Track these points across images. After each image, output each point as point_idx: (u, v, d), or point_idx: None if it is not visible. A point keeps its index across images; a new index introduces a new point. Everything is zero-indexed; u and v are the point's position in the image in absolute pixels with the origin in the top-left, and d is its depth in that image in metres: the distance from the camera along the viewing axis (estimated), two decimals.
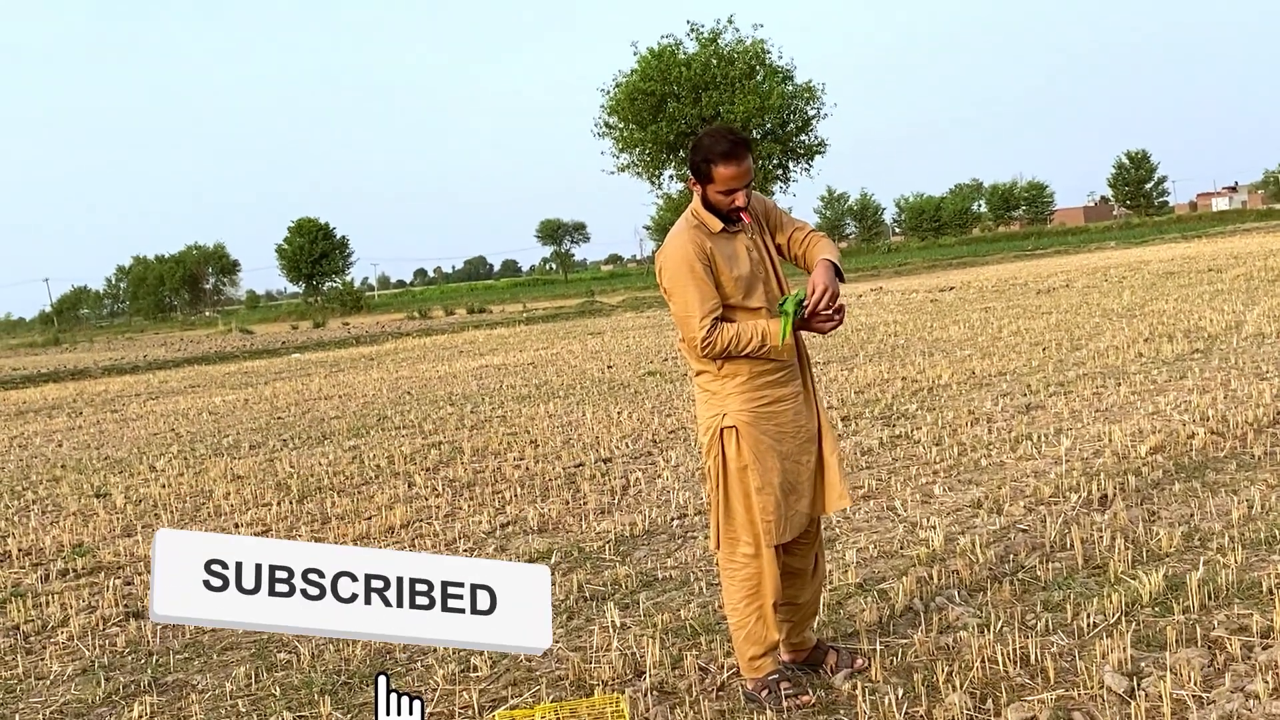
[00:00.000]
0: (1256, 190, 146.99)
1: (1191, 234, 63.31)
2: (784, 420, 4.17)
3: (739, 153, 4.07)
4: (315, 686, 4.86)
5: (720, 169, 4.06)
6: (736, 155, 4.06)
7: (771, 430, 4.15)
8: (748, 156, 4.11)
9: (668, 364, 17.17)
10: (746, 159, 4.09)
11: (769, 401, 4.16)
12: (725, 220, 4.16)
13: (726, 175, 4.06)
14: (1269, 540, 5.45)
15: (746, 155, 4.10)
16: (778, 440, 4.16)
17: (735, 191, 4.07)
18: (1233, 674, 4.02)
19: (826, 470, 4.27)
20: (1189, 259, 32.46)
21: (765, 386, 4.15)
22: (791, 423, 4.19)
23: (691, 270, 4.06)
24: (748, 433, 4.13)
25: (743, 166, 4.07)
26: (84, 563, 7.53)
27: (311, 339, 41.65)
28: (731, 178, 4.06)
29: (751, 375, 4.14)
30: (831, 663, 4.45)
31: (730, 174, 4.06)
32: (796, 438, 4.19)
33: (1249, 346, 12.22)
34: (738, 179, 4.06)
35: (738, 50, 50.87)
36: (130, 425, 16.28)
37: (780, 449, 4.16)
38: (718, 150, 4.06)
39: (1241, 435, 7.74)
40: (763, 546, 4.16)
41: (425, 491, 8.83)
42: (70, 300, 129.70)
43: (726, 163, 4.06)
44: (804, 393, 4.26)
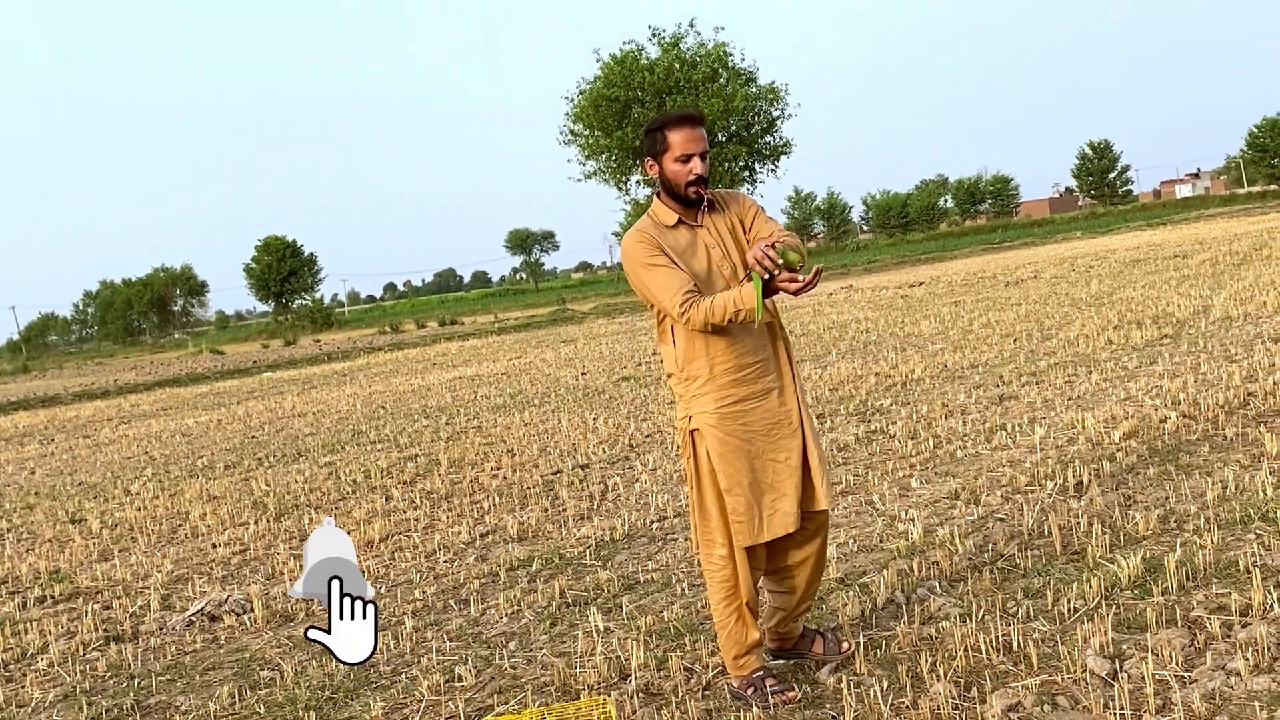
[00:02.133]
0: (1219, 176, 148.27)
1: (1156, 221, 63.76)
2: (752, 419, 4.10)
3: (692, 119, 4.06)
4: (300, 703, 4.84)
5: (674, 134, 4.03)
6: (690, 120, 4.06)
7: (738, 430, 4.09)
8: (701, 126, 4.08)
9: (641, 369, 17.18)
10: (700, 128, 4.07)
11: (734, 400, 4.09)
12: (684, 202, 4.11)
13: (681, 139, 4.02)
14: (1244, 520, 5.49)
15: (700, 124, 4.08)
16: (746, 440, 4.09)
17: (692, 158, 4.03)
18: (1214, 653, 4.05)
19: (809, 468, 4.20)
20: (1155, 246, 32.70)
21: (730, 385, 4.09)
22: (762, 420, 4.11)
23: (649, 260, 4.02)
24: (712, 434, 4.09)
25: (697, 132, 4.04)
26: (61, 589, 7.48)
27: (283, 357, 41.46)
28: (687, 140, 4.02)
29: (714, 375, 4.09)
30: (819, 650, 4.45)
31: (685, 137, 4.02)
32: (770, 436, 4.12)
33: (1217, 330, 12.31)
34: (693, 142, 4.02)
35: (700, 54, 50.94)
36: (103, 450, 16.17)
37: (750, 449, 4.10)
38: (671, 116, 4.06)
39: (1213, 418, 7.80)
40: (735, 548, 4.14)
41: (403, 505, 8.80)
42: (38, 327, 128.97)
43: (680, 126, 4.04)
44: (780, 388, 4.16)
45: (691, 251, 4.09)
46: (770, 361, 4.16)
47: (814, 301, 29.01)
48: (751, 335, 4.10)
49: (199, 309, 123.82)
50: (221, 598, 6.51)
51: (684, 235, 4.13)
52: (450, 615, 5.83)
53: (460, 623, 5.65)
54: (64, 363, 69.74)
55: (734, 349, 4.08)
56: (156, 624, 6.36)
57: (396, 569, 6.91)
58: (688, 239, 4.12)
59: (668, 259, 4.03)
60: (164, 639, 6.09)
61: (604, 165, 51.88)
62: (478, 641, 5.34)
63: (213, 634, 6.08)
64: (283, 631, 5.95)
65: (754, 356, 4.11)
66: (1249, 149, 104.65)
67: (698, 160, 4.04)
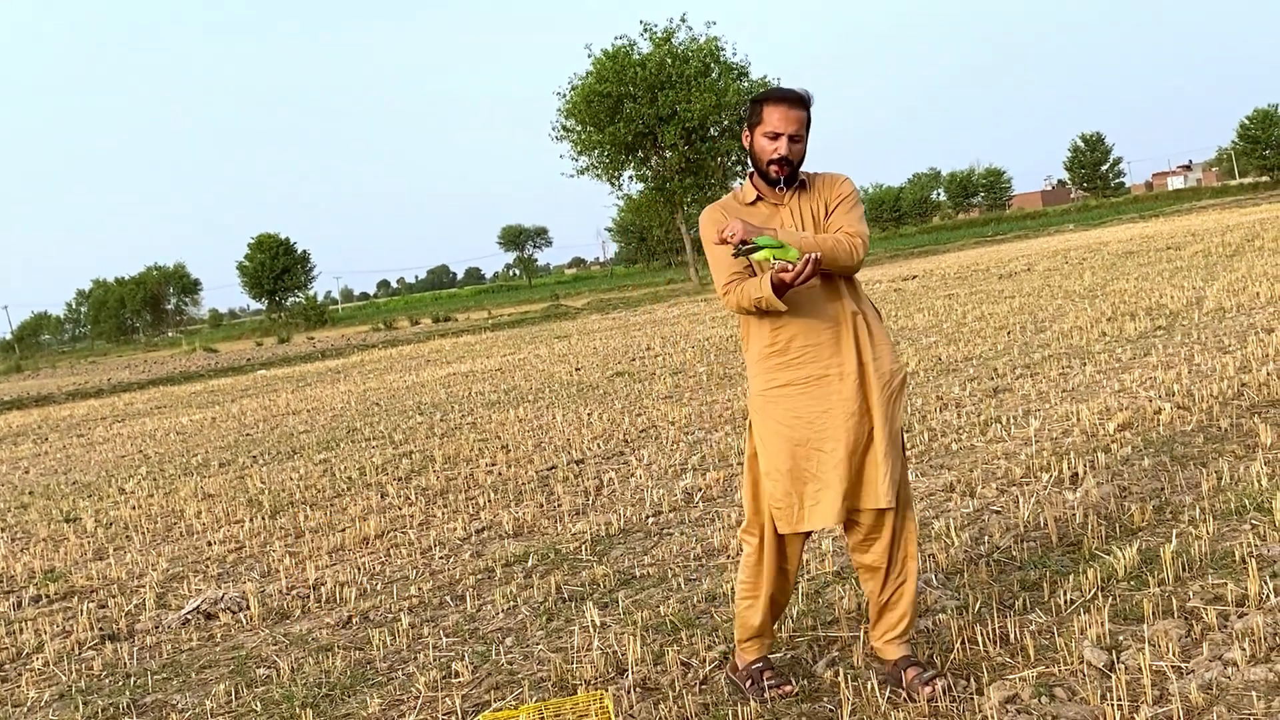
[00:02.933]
0: (1210, 168, 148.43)
1: (1149, 213, 63.85)
2: (799, 405, 3.99)
3: (795, 100, 4.01)
4: (296, 700, 4.83)
5: (770, 108, 4.00)
6: (789, 100, 4.01)
7: (782, 415, 4.02)
8: (803, 109, 4.01)
9: (635, 364, 17.17)
10: (801, 110, 4.00)
11: (779, 384, 4.03)
12: (767, 180, 4.07)
13: (774, 115, 3.98)
14: (1239, 510, 5.50)
15: (801, 107, 4.01)
16: (789, 426, 4.00)
17: (779, 137, 3.98)
18: (1210, 643, 4.05)
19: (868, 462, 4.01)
20: (1147, 238, 32.74)
21: (776, 369, 4.04)
22: (811, 407, 3.98)
23: (713, 237, 4.01)
24: (756, 416, 4.09)
25: (793, 113, 3.98)
26: (56, 588, 7.46)
27: (277, 355, 41.41)
28: (779, 118, 3.97)
29: (762, 356, 4.07)
30: (910, 678, 4.06)
31: (778, 114, 3.98)
32: (817, 424, 3.97)
33: (1210, 321, 12.33)
34: (785, 122, 3.97)
35: (691, 49, 50.86)
36: (97, 449, 16.14)
37: (793, 435, 3.99)
38: (774, 91, 4.03)
39: (1207, 409, 7.81)
40: (765, 533, 4.09)
41: (398, 501, 8.80)
42: (31, 327, 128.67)
43: (778, 103, 4.00)
44: (841, 374, 3.98)
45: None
46: (827, 347, 4.00)
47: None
48: (807, 318, 4.00)
49: (192, 307, 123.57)
50: (217, 595, 6.50)
51: (760, 214, 4.09)
52: (446, 611, 5.82)
53: (457, 619, 5.65)
54: (57, 362, 69.65)
55: (782, 332, 4.03)
56: (152, 622, 6.34)
57: (392, 565, 6.90)
58: (762, 218, 4.07)
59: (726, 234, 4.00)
60: (160, 637, 6.08)
61: (596, 161, 51.80)
62: (474, 637, 5.34)
63: (208, 632, 6.07)
64: (279, 629, 5.94)
65: (804, 340, 4.01)
66: (1240, 141, 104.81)
67: (785, 141, 3.99)
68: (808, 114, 4.04)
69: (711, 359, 16.22)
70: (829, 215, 4.07)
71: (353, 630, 5.73)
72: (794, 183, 4.09)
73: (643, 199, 55.58)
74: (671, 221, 57.47)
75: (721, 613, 5.13)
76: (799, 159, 4.04)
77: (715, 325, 23.44)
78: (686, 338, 21.10)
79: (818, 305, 4.00)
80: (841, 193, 4.09)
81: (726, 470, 8.15)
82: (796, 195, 4.11)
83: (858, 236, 3.97)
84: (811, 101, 4.06)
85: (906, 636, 4.16)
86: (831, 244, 3.90)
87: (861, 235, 3.98)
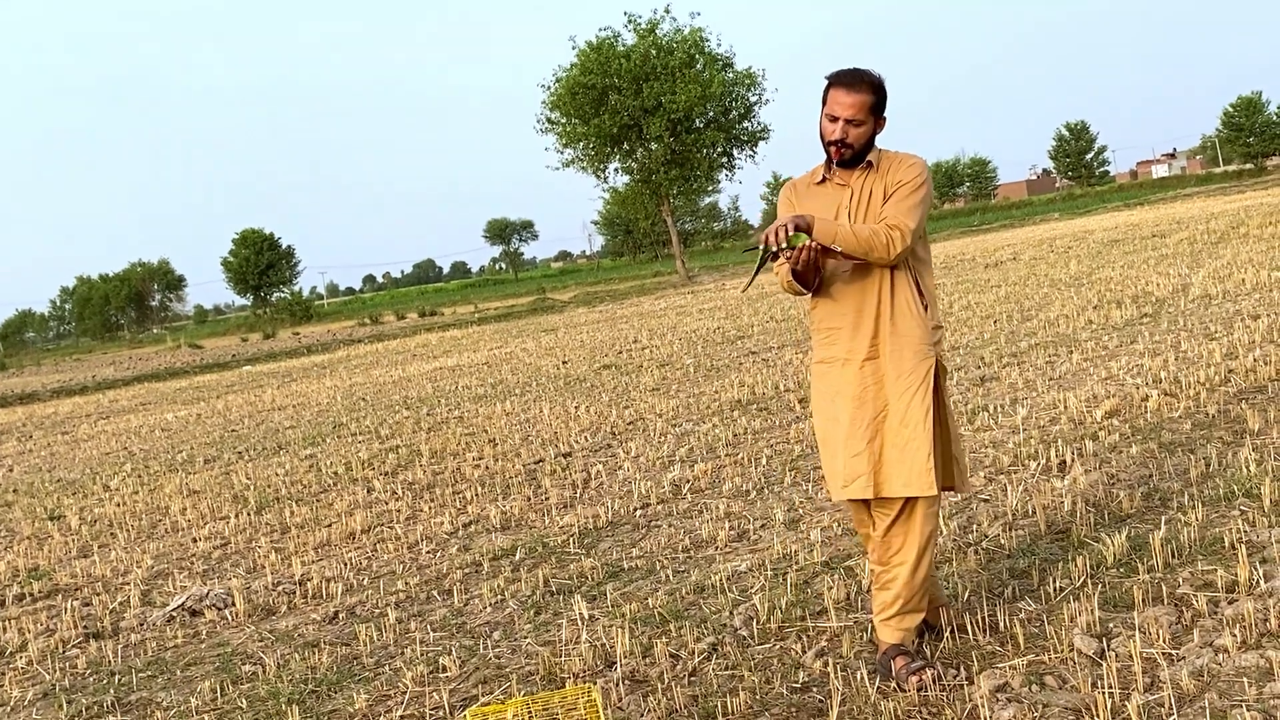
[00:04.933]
0: (1195, 156, 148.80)
1: (1134, 202, 64.00)
2: (837, 381, 4.14)
3: (856, 83, 4.04)
4: (282, 697, 4.79)
5: (833, 91, 4.06)
6: (852, 83, 4.04)
7: (824, 389, 4.20)
8: (866, 93, 4.03)
9: (622, 357, 17.15)
10: (863, 94, 4.02)
11: (821, 360, 4.23)
12: (830, 162, 4.15)
13: (834, 99, 4.05)
14: (1228, 496, 5.49)
15: (864, 91, 4.03)
16: (830, 400, 4.16)
17: (838, 120, 4.03)
18: (1201, 630, 4.04)
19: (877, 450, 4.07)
20: (1132, 226, 32.81)
21: (819, 345, 4.24)
22: (844, 385, 4.11)
23: (779, 213, 4.19)
24: (811, 383, 4.30)
25: (854, 97, 4.01)
26: (40, 586, 7.41)
27: (262, 350, 41.30)
28: (839, 103, 4.03)
29: (811, 332, 4.30)
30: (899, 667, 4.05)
31: (840, 98, 4.03)
32: (853, 401, 4.08)
33: (1196, 308, 12.34)
34: (844, 107, 4.02)
35: (676, 40, 50.71)
36: (82, 446, 16.07)
37: (832, 408, 4.16)
38: (840, 73, 4.09)
39: (1195, 395, 7.80)
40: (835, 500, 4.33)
41: (385, 496, 8.76)
42: (14, 324, 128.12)
43: (839, 86, 4.05)
44: (871, 358, 4.07)
45: (820, 210, 4.12)
46: (846, 331, 4.11)
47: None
48: (838, 300, 4.14)
49: (177, 304, 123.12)
50: (202, 592, 6.46)
51: (824, 193, 4.19)
52: (434, 606, 5.79)
53: (444, 613, 5.61)
54: (42, 359, 69.35)
55: (819, 311, 4.22)
56: (137, 620, 6.30)
57: (379, 560, 6.86)
58: (826, 197, 4.17)
59: (791, 209, 4.17)
60: (144, 635, 6.04)
61: (582, 153, 51.63)
62: (462, 631, 5.31)
63: (194, 629, 6.02)
64: (264, 625, 5.90)
65: (833, 322, 4.16)
66: (1224, 128, 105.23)
67: (844, 124, 4.03)
68: (872, 97, 4.06)
69: (699, 351, 16.20)
70: (886, 200, 4.11)
71: (339, 626, 5.69)
72: (855, 164, 4.15)
73: (629, 191, 55.45)
74: (658, 214, 57.38)
75: (710, 604, 5.11)
76: (859, 142, 4.09)
77: (702, 317, 23.42)
78: (673, 330, 21.08)
79: (844, 290, 4.13)
80: (902, 179, 4.11)
81: (714, 462, 8.13)
82: (864, 175, 4.16)
83: (897, 229, 3.98)
84: (878, 84, 4.09)
85: (898, 623, 4.12)
86: (867, 235, 3.95)
87: (902, 228, 3.98)
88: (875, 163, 4.14)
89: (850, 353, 4.10)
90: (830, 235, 3.92)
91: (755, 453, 8.25)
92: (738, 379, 12.20)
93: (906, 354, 4.06)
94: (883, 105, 4.10)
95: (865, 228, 3.96)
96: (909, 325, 4.07)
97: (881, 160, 4.15)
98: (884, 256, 3.97)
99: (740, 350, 15.43)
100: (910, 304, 4.09)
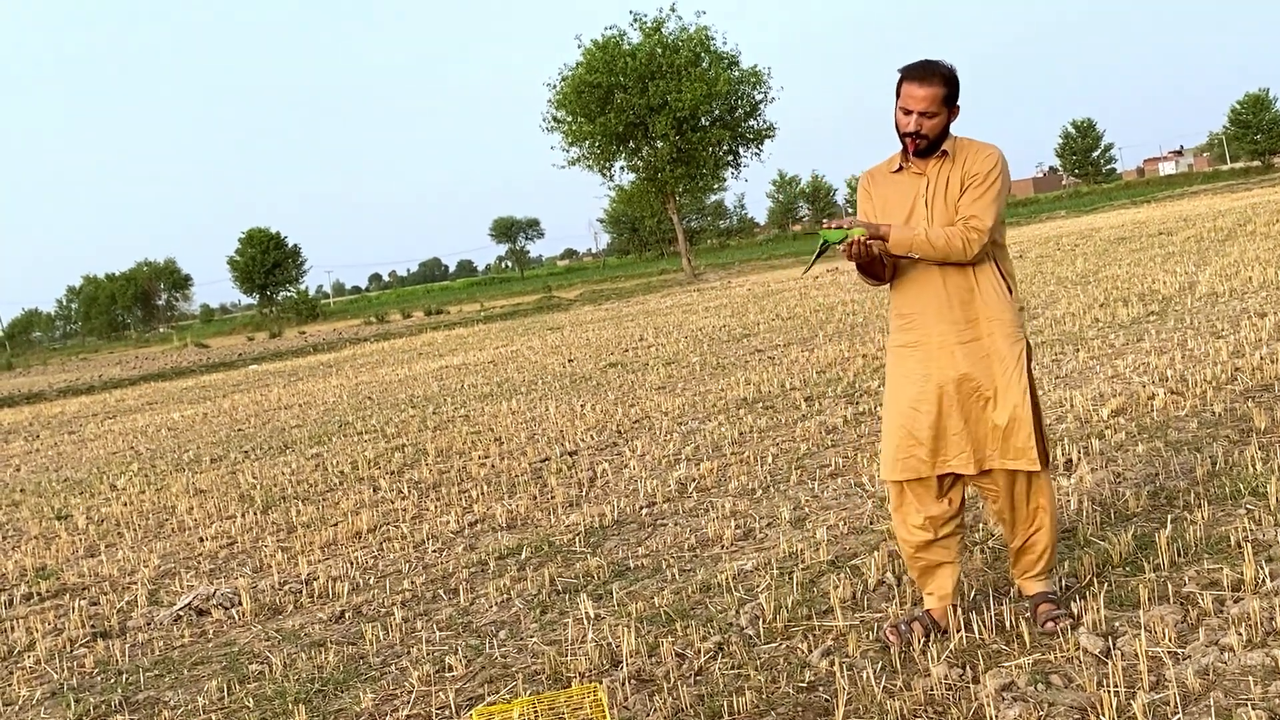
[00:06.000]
0: (1202, 153, 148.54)
1: (1140, 199, 63.92)
2: (910, 365, 4.26)
3: (928, 76, 4.13)
4: (289, 696, 4.80)
5: (905, 85, 4.16)
6: (924, 76, 4.13)
7: (897, 371, 4.32)
8: (938, 85, 4.13)
9: (628, 355, 17.15)
10: (935, 86, 4.12)
11: (898, 344, 4.33)
12: (906, 151, 4.24)
13: (908, 92, 4.15)
14: (1234, 495, 5.48)
15: (936, 83, 4.12)
16: (911, 382, 4.25)
17: (912, 113, 4.13)
18: (1206, 628, 4.03)
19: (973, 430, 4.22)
20: (1139, 224, 32.76)
21: (896, 329, 4.35)
22: (914, 369, 4.25)
23: (858, 200, 4.42)
24: (888, 366, 4.41)
25: (925, 90, 4.11)
26: (48, 585, 7.43)
27: (268, 350, 41.35)
28: (912, 96, 4.13)
29: (891, 315, 4.41)
30: (1041, 612, 4.33)
31: (912, 92, 4.13)
32: (917, 386, 4.23)
33: (1203, 306, 12.32)
34: (917, 100, 4.12)
35: (682, 38, 50.74)
36: (88, 445, 16.10)
37: (901, 391, 4.28)
38: (910, 67, 4.18)
39: (1201, 394, 7.79)
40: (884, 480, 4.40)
41: (391, 495, 8.77)
42: (21, 324, 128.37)
43: (909, 80, 4.15)
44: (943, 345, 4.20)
45: (897, 199, 4.26)
46: (929, 316, 4.23)
47: (800, 284, 29.01)
48: (921, 287, 4.24)
49: (183, 303, 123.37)
50: (209, 592, 6.47)
51: (901, 181, 4.29)
52: (440, 605, 5.79)
53: (450, 612, 5.62)
54: (48, 359, 69.50)
55: (901, 296, 4.33)
56: (144, 619, 6.31)
57: (385, 559, 6.87)
58: (903, 186, 4.28)
59: (868, 203, 4.36)
60: (151, 634, 6.05)
61: (587, 151, 51.70)
62: (468, 631, 5.31)
63: (201, 628, 6.04)
64: (271, 625, 5.91)
65: (916, 308, 4.27)
66: (1231, 125, 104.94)
67: (917, 117, 4.14)
68: (944, 89, 4.15)
69: (705, 349, 16.21)
70: (961, 193, 4.20)
71: (345, 625, 5.70)
72: (931, 153, 4.24)
73: (634, 189, 55.47)
74: (663, 212, 57.41)
75: (716, 603, 5.11)
76: (934, 133, 4.19)
77: (708, 315, 23.42)
78: (679, 328, 21.08)
79: (927, 277, 4.22)
80: (978, 171, 4.20)
81: (720, 460, 8.13)
82: (940, 163, 4.25)
83: (974, 230, 4.11)
84: (949, 76, 4.17)
85: (1044, 574, 4.42)
86: (944, 240, 4.10)
87: (979, 227, 4.10)
88: (951, 151, 4.25)
89: (942, 336, 4.21)
90: (906, 244, 4.11)
91: (761, 451, 8.25)
92: (744, 377, 12.20)
93: (999, 336, 4.21)
94: (955, 95, 4.20)
95: (941, 232, 4.10)
96: (999, 308, 4.22)
97: (958, 149, 4.25)
98: (962, 257, 4.13)
99: (746, 348, 15.43)
100: (997, 288, 4.24)
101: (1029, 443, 4.17)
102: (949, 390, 4.18)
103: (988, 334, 4.19)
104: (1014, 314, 4.26)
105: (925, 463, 4.23)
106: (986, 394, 4.19)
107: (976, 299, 4.20)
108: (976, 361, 4.19)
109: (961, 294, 4.20)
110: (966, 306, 4.20)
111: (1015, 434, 4.17)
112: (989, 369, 4.19)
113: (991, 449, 4.21)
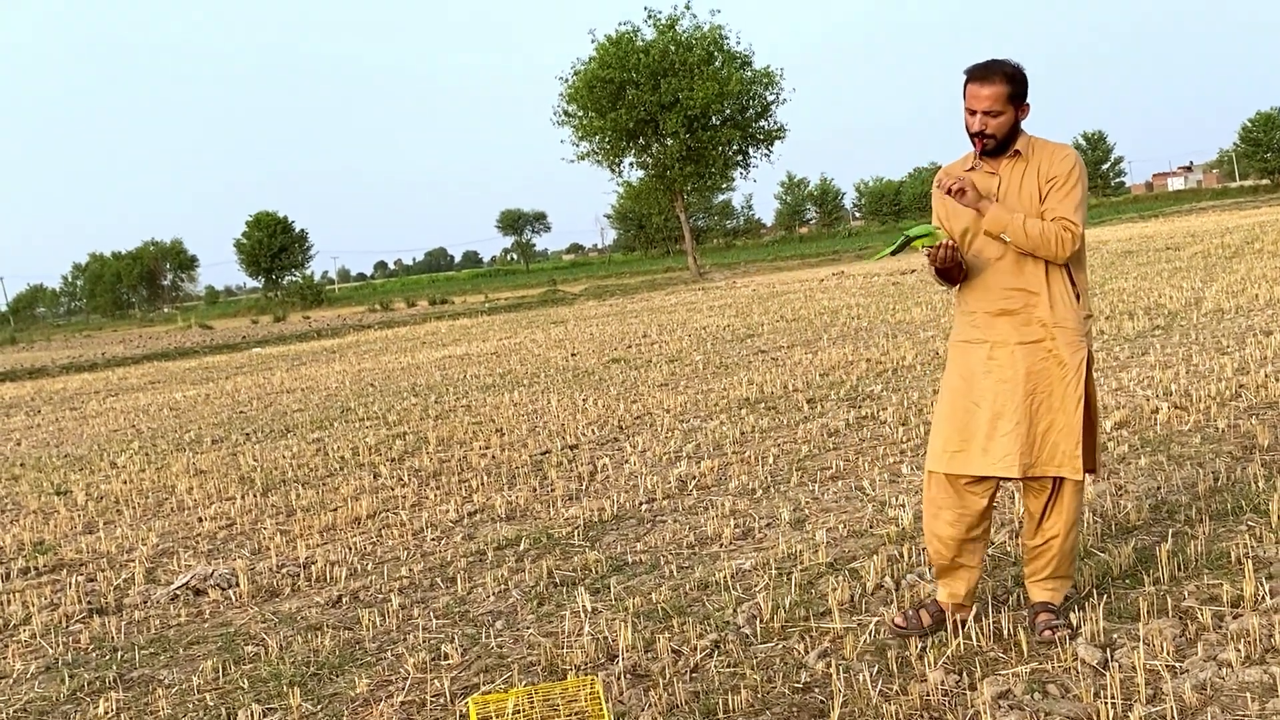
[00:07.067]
0: (1211, 169, 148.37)
1: (1148, 213, 63.85)
2: (971, 361, 4.30)
3: (991, 75, 4.15)
4: (284, 678, 4.80)
5: (970, 86, 4.19)
6: (986, 76, 4.16)
7: (957, 365, 4.36)
8: (1001, 84, 4.14)
9: (632, 351, 17.14)
10: (998, 85, 4.14)
11: (961, 339, 4.38)
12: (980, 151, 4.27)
13: (972, 93, 4.18)
14: (1236, 511, 5.48)
15: (999, 82, 4.14)
16: (968, 379, 4.30)
17: (977, 113, 4.16)
18: (1205, 643, 4.03)
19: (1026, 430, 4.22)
20: (1147, 238, 32.74)
21: (961, 325, 4.40)
22: (975, 366, 4.28)
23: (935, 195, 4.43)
24: (948, 360, 4.44)
25: (987, 89, 4.13)
26: (45, 560, 7.42)
27: (272, 333, 41.34)
28: (975, 97, 4.17)
29: (957, 311, 4.46)
30: (1039, 620, 4.35)
31: (976, 92, 4.17)
32: (978, 381, 4.26)
33: (1209, 322, 12.31)
34: (981, 100, 4.15)
35: (695, 37, 50.72)
36: (90, 422, 16.10)
37: (958, 385, 4.32)
38: (973, 68, 4.21)
39: (1205, 409, 7.78)
40: (927, 473, 4.40)
41: (391, 482, 8.76)
42: (26, 299, 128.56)
43: (971, 80, 4.19)
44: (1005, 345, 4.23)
45: None
46: (994, 316, 4.26)
47: (805, 288, 29.01)
48: (990, 286, 4.27)
49: (189, 284, 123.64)
50: (207, 572, 6.47)
51: (974, 180, 4.27)
52: (437, 593, 5.79)
53: (447, 601, 5.62)
54: (52, 335, 69.50)
55: (969, 294, 4.35)
56: (140, 597, 6.31)
57: (383, 546, 6.87)
58: (977, 184, 4.26)
59: (940, 202, 4.39)
60: (148, 612, 6.05)
61: (597, 147, 51.66)
62: (464, 620, 5.31)
63: (197, 608, 6.03)
64: (268, 607, 5.91)
65: (975, 306, 4.32)
66: (1242, 143, 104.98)
67: (982, 116, 4.17)
68: (1008, 87, 4.16)
69: (708, 347, 16.20)
70: (1044, 196, 4.21)
71: (342, 610, 5.70)
72: (1002, 152, 4.27)
73: (643, 186, 55.45)
74: (671, 209, 57.38)
75: (713, 601, 5.11)
76: (1001, 131, 4.21)
77: (712, 314, 23.41)
78: (683, 326, 21.07)
79: (997, 277, 4.25)
80: (1058, 172, 4.21)
81: (721, 459, 8.13)
82: (1013, 163, 4.27)
83: (1069, 231, 4.12)
84: (1012, 74, 4.18)
85: (1050, 585, 4.42)
86: (1038, 233, 4.11)
87: (1074, 229, 4.13)
88: (1024, 151, 4.26)
89: (1004, 336, 4.24)
90: (1002, 224, 4.13)
91: (762, 451, 8.24)
92: (746, 377, 12.19)
93: (1061, 342, 4.22)
94: (1023, 93, 4.21)
95: (1037, 225, 4.11)
96: (1065, 314, 4.23)
97: (1032, 149, 4.26)
98: (1054, 255, 4.14)
99: (749, 348, 15.42)
100: (1065, 294, 4.25)
101: (1075, 450, 4.19)
102: (1006, 390, 4.21)
103: (1050, 338, 4.21)
104: (1079, 321, 4.25)
105: (973, 460, 4.24)
106: (1042, 397, 4.21)
107: (1043, 302, 4.21)
108: (1036, 364, 4.21)
109: (1029, 296, 4.22)
110: (1032, 309, 4.22)
111: (1064, 440, 4.20)
112: (1048, 373, 4.21)
113: (1039, 453, 4.22)
